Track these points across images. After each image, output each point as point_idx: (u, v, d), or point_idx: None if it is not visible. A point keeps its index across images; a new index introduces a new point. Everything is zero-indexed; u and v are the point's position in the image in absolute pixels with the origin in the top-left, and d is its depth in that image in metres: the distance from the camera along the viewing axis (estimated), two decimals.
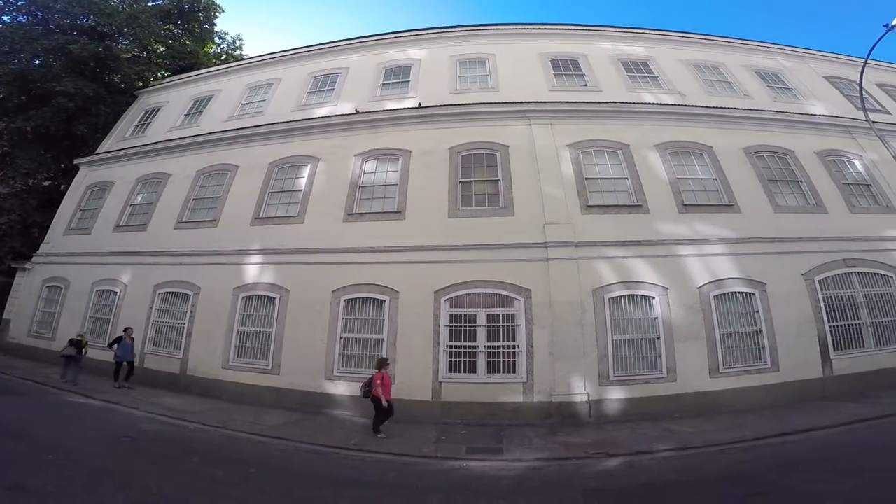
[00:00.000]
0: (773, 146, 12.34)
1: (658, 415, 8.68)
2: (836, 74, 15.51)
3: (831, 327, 10.09)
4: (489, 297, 10.03)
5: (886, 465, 5.40)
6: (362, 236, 10.97)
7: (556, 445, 7.39)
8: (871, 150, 12.58)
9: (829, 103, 14.12)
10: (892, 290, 10.79)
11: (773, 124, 12.75)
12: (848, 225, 11.16)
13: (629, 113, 12.42)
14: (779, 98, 13.98)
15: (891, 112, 14.51)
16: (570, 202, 10.82)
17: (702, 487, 5.20)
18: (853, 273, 10.70)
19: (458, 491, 5.59)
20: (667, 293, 9.86)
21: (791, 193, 11.59)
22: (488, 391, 9.29)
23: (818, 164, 12.26)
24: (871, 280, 10.80)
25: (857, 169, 12.51)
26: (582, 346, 9.38)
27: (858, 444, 6.59)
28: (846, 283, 10.63)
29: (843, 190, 11.83)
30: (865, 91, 12.52)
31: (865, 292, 10.63)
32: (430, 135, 12.20)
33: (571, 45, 14.91)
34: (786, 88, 14.49)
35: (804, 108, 13.65)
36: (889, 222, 11.52)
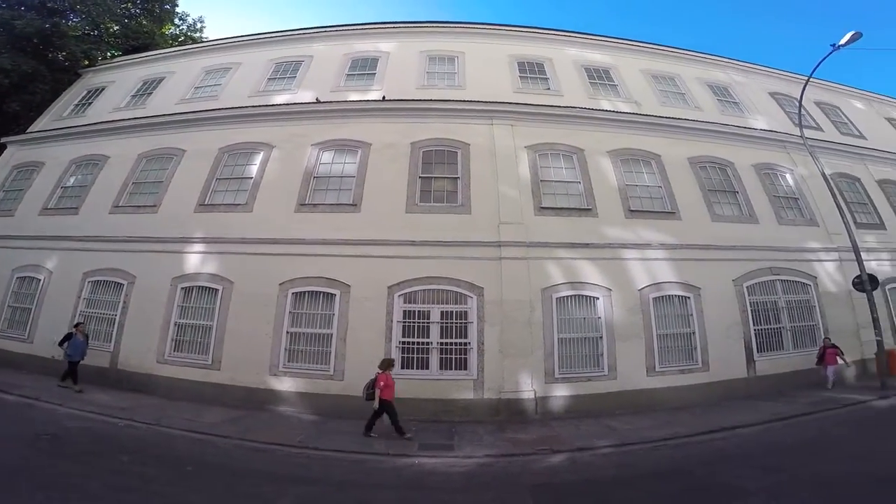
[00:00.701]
0: (716, 158, 13.41)
1: (599, 411, 9.27)
2: (780, 91, 16.94)
3: (756, 330, 11.23)
4: (443, 294, 10.29)
5: (802, 462, 5.86)
6: (314, 228, 10.90)
7: (505, 442, 7.71)
8: (802, 166, 13.95)
9: (770, 118, 15.45)
10: (809, 297, 12.14)
11: (717, 136, 13.82)
12: (776, 235, 12.39)
13: (587, 119, 13.01)
14: (726, 111, 15.11)
15: (824, 130, 16.14)
16: (524, 203, 11.27)
17: (638, 483, 5.57)
18: (777, 280, 11.93)
19: (409, 488, 5.72)
20: (610, 294, 10.56)
21: (728, 203, 12.68)
22: (440, 388, 9.56)
23: (754, 176, 13.47)
24: (793, 287, 12.10)
25: (788, 183, 13.85)
26: (530, 344, 9.86)
27: (777, 441, 7.23)
28: (771, 290, 11.84)
29: (774, 202, 13.09)
30: (804, 108, 13.89)
31: (787, 299, 11.90)
32: (392, 128, 12.27)
33: (540, 48, 15.38)
34: (733, 102, 15.67)
35: (747, 122, 14.87)
36: (811, 234, 12.91)
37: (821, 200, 13.10)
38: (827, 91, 18.32)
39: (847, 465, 5.41)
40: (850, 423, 8.06)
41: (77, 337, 10.13)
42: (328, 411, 9.14)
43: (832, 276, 12.45)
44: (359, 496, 5.40)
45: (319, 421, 8.79)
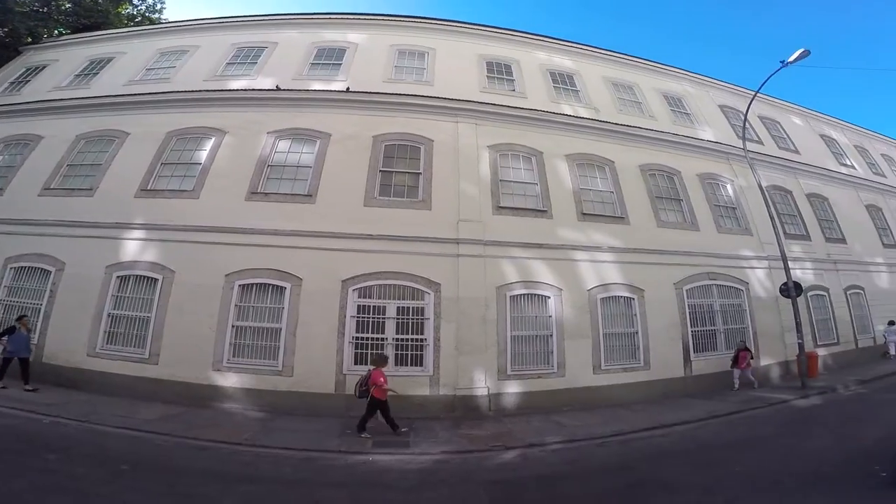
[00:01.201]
0: (665, 166, 14.33)
1: (549, 408, 9.70)
2: (729, 104, 18.22)
3: (693, 332, 12.18)
4: (400, 289, 10.39)
5: (733, 459, 6.24)
6: (266, 218, 10.66)
7: (460, 438, 7.87)
8: (741, 177, 15.17)
9: (717, 130, 16.61)
10: (742, 301, 13.30)
11: (668, 146, 14.75)
12: (714, 243, 13.46)
13: (548, 122, 13.49)
14: (677, 122, 16.11)
15: (764, 143, 17.59)
16: (483, 201, 11.58)
17: (587, 479, 5.83)
18: (713, 285, 12.98)
19: (363, 485, 5.72)
20: (561, 294, 11.09)
21: (673, 210, 13.62)
22: (396, 384, 9.49)
23: (698, 185, 14.51)
24: (727, 292, 13.21)
25: (728, 193, 15.03)
26: (484, 341, 10.19)
27: (711, 438, 7.69)
28: (707, 294, 12.88)
29: (714, 211, 14.19)
30: (748, 122, 15.07)
31: (721, 302, 12.99)
32: (354, 120, 12.20)
33: (509, 50, 15.73)
34: (685, 113, 16.72)
35: (696, 133, 15.93)
36: (745, 242, 14.11)
37: (756, 211, 14.32)
38: (770, 106, 19.94)
39: (772, 463, 5.82)
40: (774, 421, 8.72)
41: (21, 331, 9.34)
42: (276, 408, 9.03)
43: (762, 282, 13.71)
44: (309, 495, 5.37)
45: (267, 418, 8.59)
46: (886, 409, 8.21)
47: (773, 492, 4.49)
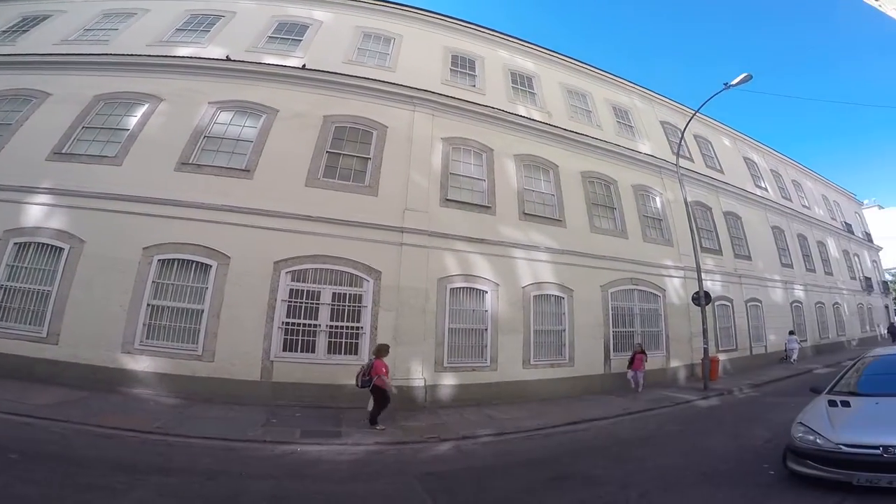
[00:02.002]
0: (604, 175, 15.31)
1: (481, 401, 10.13)
2: (669, 120, 19.69)
3: (614, 332, 13.29)
4: (338, 275, 10.28)
5: (646, 454, 6.65)
6: (196, 190, 10.05)
7: (395, 429, 7.88)
8: (670, 191, 16.59)
9: (655, 145, 17.95)
10: (658, 306, 14.68)
11: (610, 155, 15.76)
12: (639, 250, 14.70)
13: (503, 121, 13.87)
14: (621, 133, 17.21)
15: (694, 161, 19.27)
16: (431, 192, 11.73)
17: (515, 471, 6.01)
18: (635, 290, 14.22)
19: (291, 477, 5.58)
20: (498, 289, 11.59)
21: (606, 218, 14.66)
22: (328, 372, 9.55)
23: (632, 196, 15.70)
24: (646, 297, 14.51)
25: (657, 205, 16.41)
26: (423, 332, 10.40)
27: (626, 434, 8.18)
28: (629, 298, 14.07)
29: (643, 221, 15.47)
30: (684, 139, 16.39)
31: (641, 306, 14.26)
32: (306, 98, 11.85)
33: (476, 45, 15.83)
34: (629, 126, 17.87)
35: (636, 146, 17.11)
36: (667, 253, 15.54)
37: (679, 224, 15.79)
38: (706, 126, 21.86)
39: (678, 459, 6.31)
40: (680, 419, 9.42)
41: None
42: (194, 395, 8.64)
43: (677, 290, 15.21)
44: (231, 486, 5.16)
45: (183, 405, 8.19)
46: (773, 411, 9.04)
47: (679, 486, 4.96)
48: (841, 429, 4.68)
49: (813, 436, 4.76)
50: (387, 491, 5.31)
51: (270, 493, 5.04)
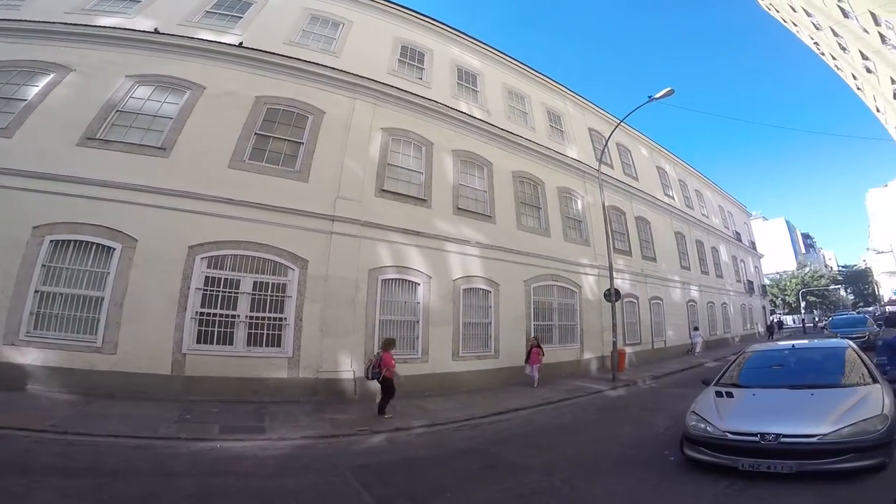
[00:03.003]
0: (533, 175, 16.32)
1: (413, 392, 10.27)
2: (596, 128, 21.27)
3: (535, 325, 14.32)
4: (260, 263, 9.99)
5: (564, 442, 7.06)
6: (101, 167, 9.25)
7: (324, 423, 7.84)
8: (590, 194, 18.08)
9: (581, 150, 19.38)
10: (574, 302, 16.07)
11: (540, 158, 16.81)
12: (560, 249, 15.96)
13: (445, 116, 14.23)
14: (552, 137, 18.36)
15: (614, 168, 21.05)
16: (367, 182, 11.78)
17: (447, 461, 6.17)
18: (555, 286, 15.45)
19: (212, 474, 5.38)
20: (430, 282, 12.01)
21: (532, 217, 15.72)
22: (248, 366, 9.31)
23: (556, 197, 16.91)
24: (565, 292, 15.81)
25: (578, 207, 17.82)
26: (352, 323, 10.47)
27: (546, 422, 8.61)
28: (549, 293, 15.26)
29: (564, 222, 16.80)
30: (607, 146, 17.77)
31: (559, 301, 15.52)
32: (239, 77, 11.36)
33: (426, 38, 15.89)
34: (560, 130, 19.12)
35: (565, 150, 18.38)
36: (584, 252, 17.02)
37: (596, 226, 17.31)
38: (628, 135, 23.94)
39: (594, 445, 6.72)
40: (593, 408, 10.09)
41: None
42: (93, 390, 8.02)
43: (592, 287, 16.73)
44: (145, 486, 4.90)
45: (81, 401, 7.61)
46: (672, 400, 9.78)
47: (595, 472, 5.45)
48: (726, 418, 5.08)
49: (704, 424, 5.15)
50: (318, 484, 5.29)
51: (191, 492, 4.83)
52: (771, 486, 4.39)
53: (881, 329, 15.52)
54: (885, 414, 4.61)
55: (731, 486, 4.54)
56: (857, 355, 6.16)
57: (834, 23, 23.18)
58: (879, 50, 20.77)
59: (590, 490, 4.85)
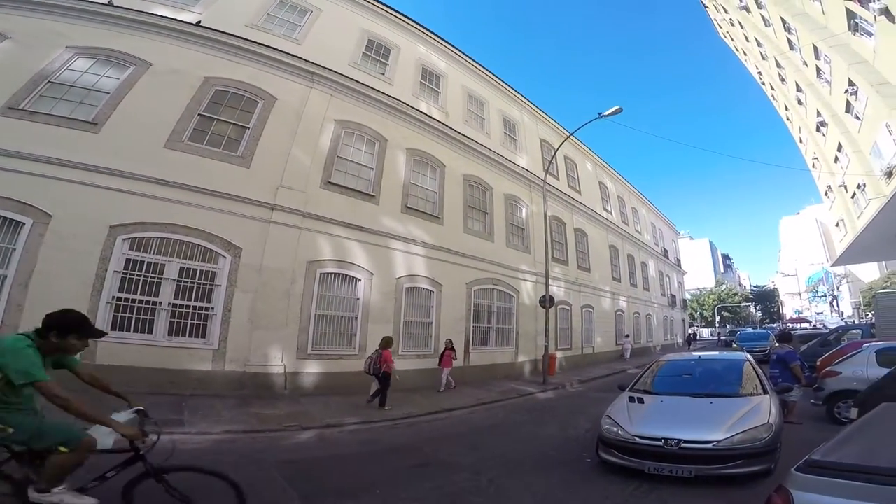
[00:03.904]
0: (483, 180, 16.61)
1: (348, 389, 10.18)
2: (547, 139, 21.95)
3: (474, 327, 14.60)
4: (189, 248, 9.43)
5: (495, 442, 7.19)
6: (20, 138, 8.37)
7: (249, 417, 7.60)
8: (535, 204, 18.69)
9: (531, 159, 19.94)
10: (512, 306, 16.55)
11: (492, 164, 17.14)
12: (502, 254, 16.39)
13: (404, 114, 14.12)
14: (505, 144, 18.79)
15: (559, 179, 21.87)
16: (313, 173, 11.44)
17: (379, 458, 6.16)
18: (495, 290, 15.84)
19: None
20: (372, 278, 11.87)
21: (478, 220, 16.01)
22: (168, 356, 8.75)
23: (503, 203, 17.34)
24: (503, 297, 16.25)
25: (522, 215, 18.37)
26: (285, 316, 10.12)
27: (479, 423, 8.78)
28: (489, 296, 15.62)
29: (508, 228, 17.25)
30: (556, 158, 18.42)
31: (497, 304, 15.91)
32: (191, 57, 10.75)
33: (395, 34, 15.64)
34: (513, 138, 19.59)
35: (516, 159, 18.84)
36: (524, 259, 17.58)
37: (537, 234, 17.93)
38: (576, 149, 24.92)
39: (521, 446, 6.91)
40: (523, 410, 10.32)
41: None
42: None
43: (529, 293, 17.32)
44: None
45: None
46: (595, 404, 9.96)
47: (520, 472, 5.63)
48: (636, 423, 5.30)
49: (616, 428, 5.36)
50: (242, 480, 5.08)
51: None
52: (673, 489, 4.67)
53: None
54: (770, 423, 4.97)
55: (639, 488, 4.79)
56: (752, 368, 6.62)
57: (779, 53, 25.35)
58: (813, 83, 22.94)
59: (513, 489, 5.00)
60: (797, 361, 7.98)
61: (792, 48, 23.48)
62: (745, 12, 28.33)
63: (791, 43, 23.15)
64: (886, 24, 13.58)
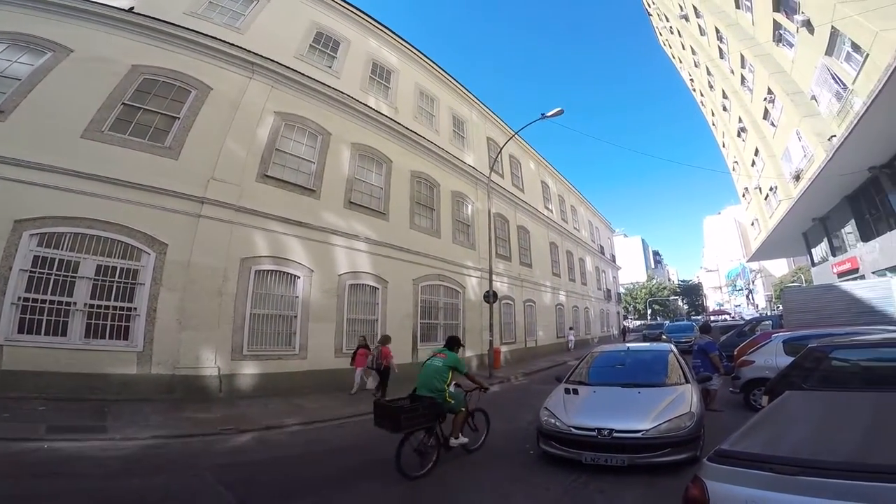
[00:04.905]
0: (431, 177, 16.59)
1: (289, 390, 9.83)
2: (494, 137, 22.22)
3: (421, 323, 14.58)
4: (106, 244, 8.72)
5: None
6: None
7: (181, 422, 7.27)
8: (480, 201, 18.93)
9: (478, 157, 20.14)
10: (458, 302, 16.69)
11: (440, 161, 17.16)
12: (448, 250, 16.48)
13: (350, 108, 13.77)
14: (454, 142, 18.84)
15: (504, 178, 22.25)
16: (249, 165, 10.91)
17: (324, 458, 6.00)
18: (441, 286, 15.89)
19: (37, 476, 4.81)
20: (312, 275, 11.48)
21: (425, 217, 15.98)
22: (86, 360, 8.06)
23: (449, 200, 17.42)
24: (450, 292, 16.36)
25: (468, 212, 18.57)
26: (217, 316, 9.58)
27: None
28: (436, 292, 15.66)
29: (455, 225, 17.38)
30: (501, 157, 18.65)
31: (444, 300, 15.99)
32: (117, 43, 9.99)
33: (346, 27, 15.16)
34: (462, 136, 19.71)
35: (463, 156, 18.97)
36: (469, 255, 17.79)
37: (482, 231, 18.22)
38: (520, 148, 25.47)
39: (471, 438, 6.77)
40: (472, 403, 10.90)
41: None
42: None
43: (474, 288, 17.54)
44: None
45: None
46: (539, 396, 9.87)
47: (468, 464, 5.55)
48: (571, 413, 5.36)
49: (554, 419, 5.40)
50: (171, 485, 4.87)
51: (9, 493, 4.35)
52: (610, 479, 4.76)
53: None
54: (692, 411, 5.12)
55: (578, 479, 4.86)
56: (675, 358, 6.81)
57: (710, 61, 27.17)
58: (737, 91, 24.84)
59: (462, 484, 5.02)
60: (716, 351, 8.44)
61: (722, 57, 25.34)
62: (684, 21, 30.34)
63: (722, 51, 24.96)
64: (806, 35, 14.84)
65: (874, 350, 5.29)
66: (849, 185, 16.30)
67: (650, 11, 41.73)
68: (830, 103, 15.23)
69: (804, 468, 1.85)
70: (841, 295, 13.20)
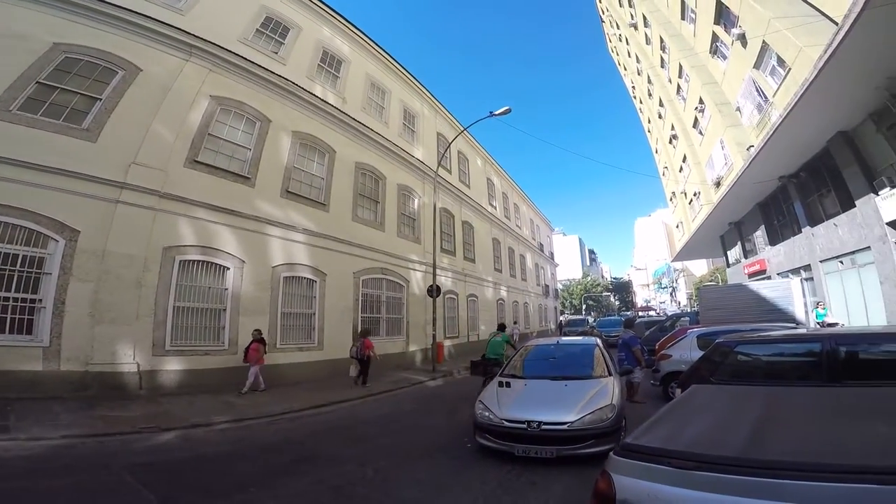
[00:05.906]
0: (376, 170, 16.27)
1: (219, 387, 9.28)
2: (444, 133, 22.13)
3: (363, 317, 14.29)
4: (7, 230, 7.80)
5: (381, 433, 7.04)
6: None
7: (95, 421, 6.80)
8: (426, 196, 18.84)
9: (427, 152, 19.97)
10: (402, 296, 16.58)
11: (387, 153, 16.89)
12: (393, 244, 16.30)
13: (293, 95, 13.16)
14: (403, 135, 18.55)
15: (451, 173, 22.24)
16: (177, 150, 10.14)
17: (254, 456, 5.77)
18: (384, 279, 15.69)
19: None
20: (243, 266, 10.88)
21: (369, 210, 15.68)
22: None
23: (395, 194, 17.19)
24: (393, 286, 16.19)
25: (414, 207, 18.41)
26: (136, 309, 8.86)
27: (367, 414, 8.52)
28: (378, 286, 15.43)
29: (400, 218, 17.20)
30: (449, 152, 18.53)
31: (387, 294, 15.81)
32: (39, 20, 9.10)
33: (298, 13, 14.43)
34: (412, 130, 19.44)
35: (412, 150, 18.72)
36: (414, 249, 17.70)
37: (427, 225, 18.13)
38: (468, 145, 25.60)
39: (408, 435, 6.86)
40: (413, 399, 10.18)
41: None
42: None
43: (418, 282, 17.49)
44: None
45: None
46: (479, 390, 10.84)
47: (407, 461, 5.54)
48: (504, 406, 5.40)
49: (488, 412, 5.43)
50: (86, 484, 4.55)
51: None
52: (541, 471, 4.85)
53: None
54: (612, 403, 5.24)
55: (511, 470, 4.93)
56: (601, 351, 6.99)
57: (652, 69, 28.50)
58: (672, 99, 26.29)
59: (400, 478, 4.95)
60: (638, 345, 8.90)
61: (663, 66, 26.77)
62: (633, 29, 31.75)
63: (663, 61, 26.33)
64: (739, 48, 15.76)
65: (774, 346, 5.57)
66: (761, 192, 17.84)
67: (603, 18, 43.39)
68: (752, 115, 16.33)
69: (699, 463, 1.86)
70: (750, 294, 14.38)
